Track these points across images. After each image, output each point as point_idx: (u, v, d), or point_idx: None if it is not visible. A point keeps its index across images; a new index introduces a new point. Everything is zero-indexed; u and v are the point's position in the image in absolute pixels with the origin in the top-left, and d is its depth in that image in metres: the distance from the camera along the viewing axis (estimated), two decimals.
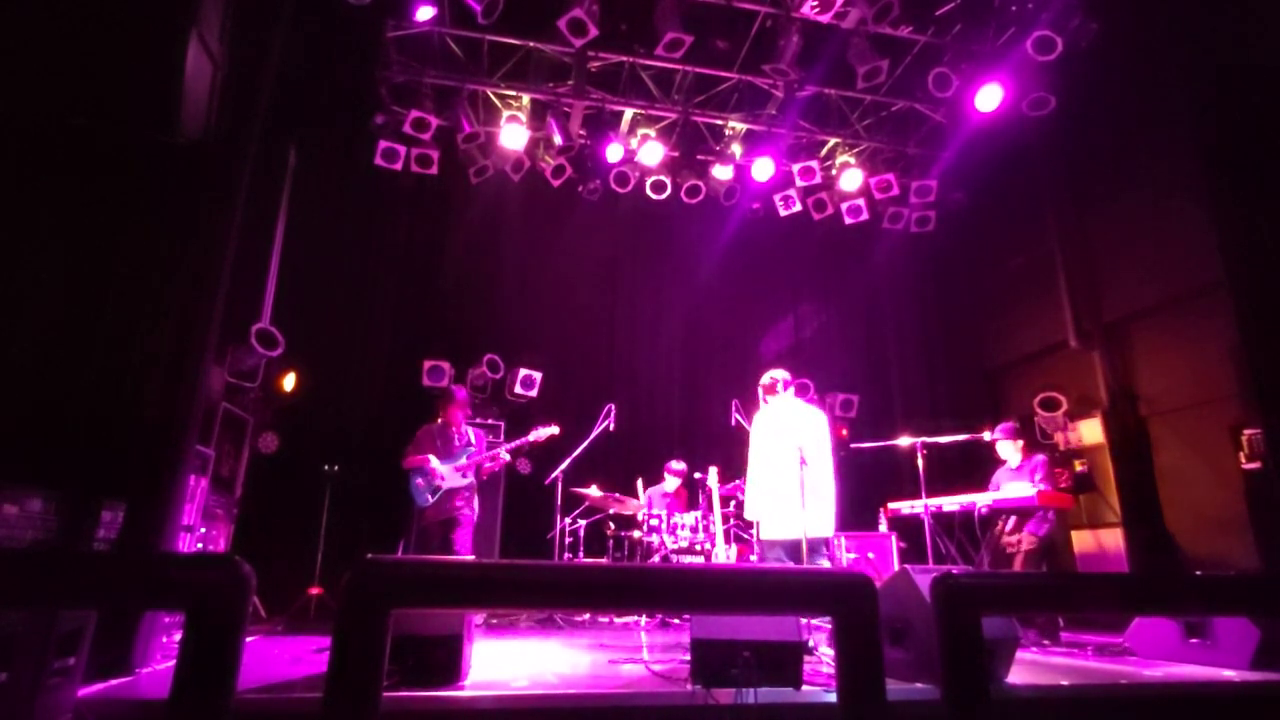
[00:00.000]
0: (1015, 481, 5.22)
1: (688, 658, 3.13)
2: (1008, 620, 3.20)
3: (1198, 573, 4.24)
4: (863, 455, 6.41)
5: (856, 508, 6.52)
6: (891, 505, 5.88)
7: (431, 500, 4.87)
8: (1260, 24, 4.52)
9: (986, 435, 5.49)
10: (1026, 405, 7.18)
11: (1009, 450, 5.39)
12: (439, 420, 5.18)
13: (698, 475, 6.19)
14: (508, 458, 5.34)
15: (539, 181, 7.87)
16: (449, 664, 2.88)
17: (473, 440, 5.13)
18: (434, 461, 4.91)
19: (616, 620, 5.74)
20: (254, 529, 5.85)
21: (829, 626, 3.61)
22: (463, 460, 4.99)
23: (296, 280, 6.63)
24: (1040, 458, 5.32)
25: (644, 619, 5.32)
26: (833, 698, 2.61)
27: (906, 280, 9.09)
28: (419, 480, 4.93)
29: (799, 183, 7.91)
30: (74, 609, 2.34)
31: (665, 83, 7.44)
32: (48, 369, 3.45)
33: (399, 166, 7.19)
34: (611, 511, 6.36)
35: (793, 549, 4.06)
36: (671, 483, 6.66)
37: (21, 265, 3.56)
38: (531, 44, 6.93)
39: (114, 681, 2.91)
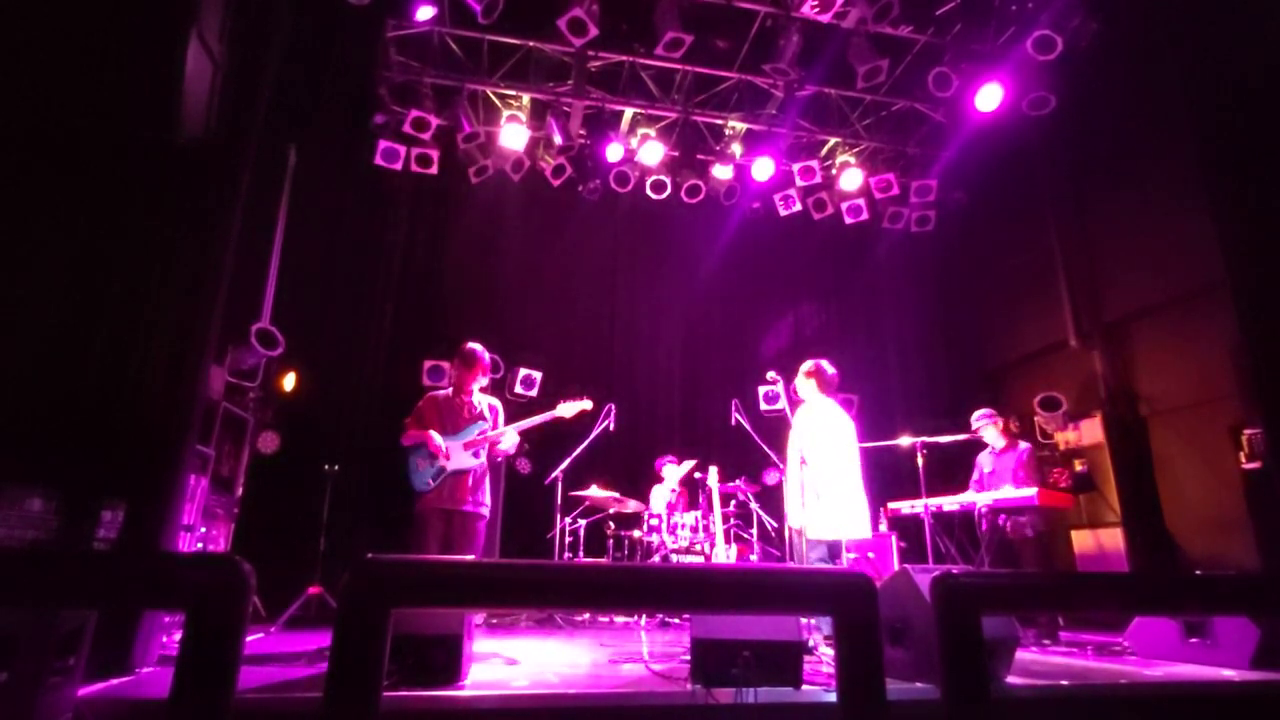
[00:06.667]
0: (999, 464, 5.37)
1: (688, 657, 3.14)
2: (1007, 620, 3.20)
3: (1197, 572, 4.24)
4: (863, 455, 6.40)
5: None
6: (891, 505, 5.89)
7: (433, 485, 4.03)
8: (1260, 23, 4.52)
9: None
10: (1026, 405, 7.18)
11: (991, 434, 5.48)
12: (447, 388, 4.38)
13: (698, 475, 6.20)
14: (516, 439, 4.33)
15: (539, 181, 7.88)
16: (449, 664, 2.87)
17: (486, 414, 4.26)
18: (436, 436, 4.07)
19: (616, 620, 5.75)
20: (254, 529, 5.85)
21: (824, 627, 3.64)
22: (474, 434, 4.14)
23: (296, 280, 6.62)
24: (1025, 447, 5.38)
25: (644, 619, 5.32)
26: (833, 697, 2.61)
27: (906, 280, 9.09)
28: (419, 460, 4.08)
29: (799, 182, 7.92)
30: (74, 609, 2.34)
31: (665, 82, 7.44)
32: (47, 369, 3.45)
33: (399, 166, 7.20)
34: (612, 511, 6.36)
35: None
36: (674, 475, 6.67)
37: (21, 265, 3.56)
38: (531, 43, 6.94)
39: (114, 681, 2.90)
